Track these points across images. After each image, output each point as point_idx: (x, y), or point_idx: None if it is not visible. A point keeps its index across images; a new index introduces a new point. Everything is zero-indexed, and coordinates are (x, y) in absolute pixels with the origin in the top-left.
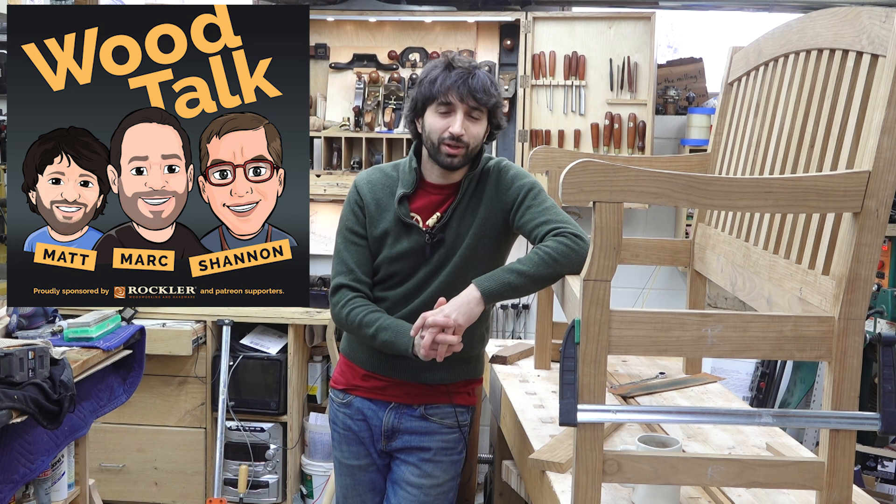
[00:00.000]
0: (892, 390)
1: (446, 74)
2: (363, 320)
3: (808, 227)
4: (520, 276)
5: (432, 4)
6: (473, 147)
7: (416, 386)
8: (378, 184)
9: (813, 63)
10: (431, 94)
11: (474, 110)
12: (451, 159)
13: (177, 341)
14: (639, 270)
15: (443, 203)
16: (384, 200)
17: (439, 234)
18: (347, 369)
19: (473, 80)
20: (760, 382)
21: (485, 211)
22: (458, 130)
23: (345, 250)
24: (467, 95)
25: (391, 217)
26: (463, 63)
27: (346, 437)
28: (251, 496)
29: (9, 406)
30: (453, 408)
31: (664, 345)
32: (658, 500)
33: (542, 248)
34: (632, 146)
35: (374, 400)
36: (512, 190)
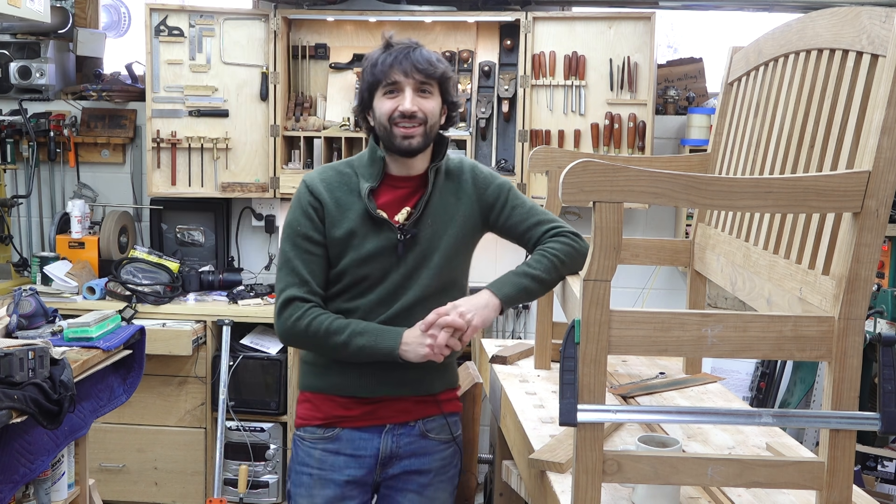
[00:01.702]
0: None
1: (386, 55)
2: (330, 327)
3: (808, 227)
4: (534, 281)
5: (432, 4)
6: (431, 124)
7: (408, 400)
8: (334, 182)
9: (813, 63)
10: (375, 77)
11: (423, 84)
12: (408, 140)
13: (177, 341)
14: (639, 270)
15: (409, 197)
16: (344, 199)
17: (412, 230)
18: (323, 403)
19: (415, 54)
20: (760, 382)
21: (465, 208)
22: (409, 107)
23: (296, 259)
24: (412, 70)
25: (356, 215)
26: (402, 42)
27: (321, 478)
28: (251, 496)
29: (9, 406)
30: (445, 418)
31: (664, 345)
32: (658, 500)
33: (548, 250)
34: (632, 146)
35: (366, 427)
36: (491, 189)
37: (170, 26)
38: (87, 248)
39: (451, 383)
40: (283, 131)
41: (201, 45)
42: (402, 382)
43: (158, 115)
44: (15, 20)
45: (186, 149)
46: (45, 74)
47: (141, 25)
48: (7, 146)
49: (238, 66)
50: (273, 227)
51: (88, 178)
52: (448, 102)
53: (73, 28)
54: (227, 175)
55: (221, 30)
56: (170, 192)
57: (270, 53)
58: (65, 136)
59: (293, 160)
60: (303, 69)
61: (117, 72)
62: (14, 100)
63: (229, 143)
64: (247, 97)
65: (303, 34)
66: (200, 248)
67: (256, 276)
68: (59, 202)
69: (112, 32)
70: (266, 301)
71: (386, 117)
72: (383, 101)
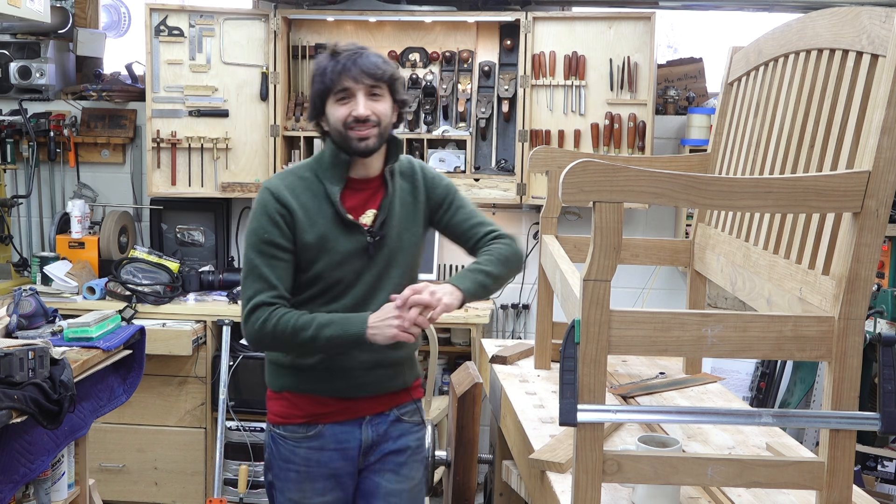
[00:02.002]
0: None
1: (334, 62)
2: (296, 325)
3: (808, 227)
4: (488, 277)
5: (432, 4)
6: (385, 125)
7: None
8: (298, 188)
9: (813, 63)
10: (325, 86)
11: (373, 88)
12: (363, 142)
13: (177, 341)
14: (639, 270)
15: (370, 199)
16: (311, 204)
17: (380, 231)
18: (301, 401)
19: (363, 59)
20: (760, 382)
21: (421, 207)
22: (363, 111)
23: (264, 266)
24: (361, 74)
25: (325, 220)
26: (348, 47)
27: (310, 473)
28: (251, 496)
29: (9, 406)
30: (415, 403)
31: (664, 345)
32: (658, 500)
33: (494, 251)
34: (632, 146)
35: (347, 421)
36: (440, 189)
37: (170, 26)
38: (87, 248)
39: (417, 374)
40: (283, 131)
41: (201, 45)
42: (380, 382)
43: (158, 115)
44: (15, 20)
45: (186, 149)
46: (45, 74)
47: (141, 25)
48: (7, 146)
49: (238, 66)
50: None
51: (88, 178)
52: (398, 101)
53: (73, 28)
54: (227, 175)
55: (221, 30)
56: (170, 192)
57: (270, 53)
58: (65, 136)
59: (293, 160)
60: (303, 69)
61: (117, 72)
62: (14, 100)
63: (229, 143)
64: (247, 97)
65: (303, 34)
66: (200, 248)
67: None
68: (59, 202)
69: (112, 32)
70: None
71: (341, 123)
72: (336, 108)
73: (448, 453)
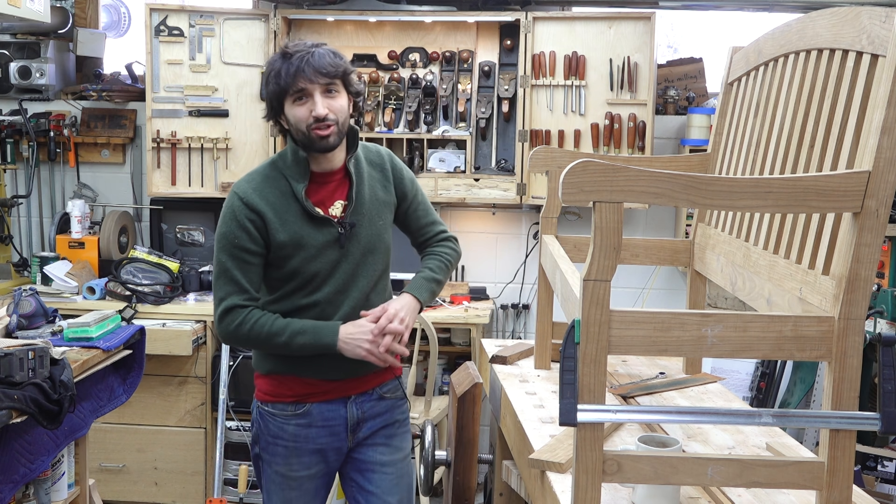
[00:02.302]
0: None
1: (287, 64)
2: (271, 330)
3: (808, 227)
4: (439, 285)
5: (432, 4)
6: (343, 121)
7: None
8: (266, 189)
9: (813, 63)
10: (281, 88)
11: (329, 85)
12: (325, 141)
13: (177, 341)
14: (639, 270)
15: (336, 190)
16: (279, 203)
17: (350, 221)
18: (289, 381)
19: (315, 59)
20: (760, 382)
21: (390, 195)
22: (322, 111)
23: (235, 269)
24: (315, 74)
25: (295, 217)
26: (299, 47)
27: (297, 448)
28: (251, 496)
29: (9, 406)
30: (397, 380)
31: (664, 345)
32: (658, 500)
33: (442, 255)
34: (632, 146)
35: (333, 400)
36: (406, 181)
37: (170, 26)
38: (87, 248)
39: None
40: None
41: (201, 45)
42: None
43: (158, 115)
44: (15, 20)
45: (186, 149)
46: (45, 74)
47: (141, 25)
48: (7, 146)
49: (238, 66)
50: None
51: (88, 178)
52: (352, 93)
53: (73, 28)
54: (227, 175)
55: (221, 30)
56: (170, 192)
57: (270, 53)
58: (65, 136)
59: None
60: None
61: (117, 72)
62: (14, 100)
63: (229, 143)
64: (247, 97)
65: (303, 34)
66: (200, 248)
67: None
68: (59, 202)
69: (112, 32)
70: None
71: (303, 124)
72: (295, 109)
73: (448, 453)
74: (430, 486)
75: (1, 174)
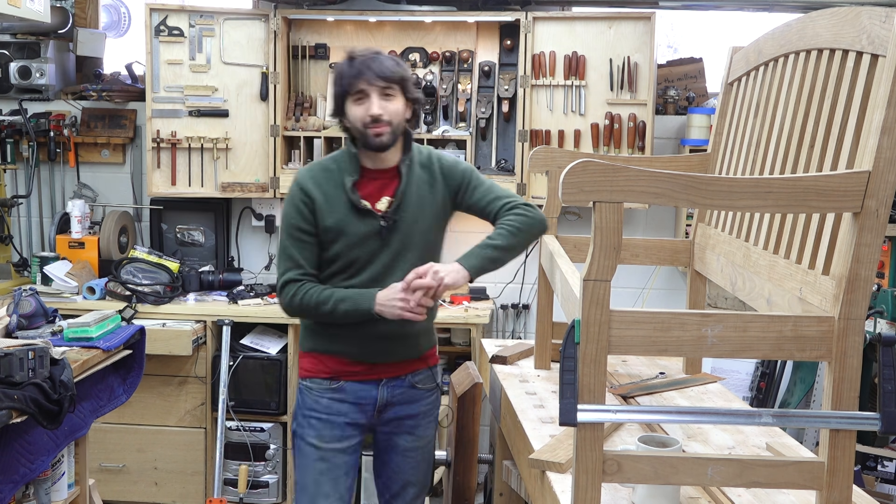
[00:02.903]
0: (892, 390)
1: (350, 67)
2: (318, 299)
3: (808, 227)
4: (496, 250)
5: (432, 4)
6: (397, 123)
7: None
8: (321, 178)
9: (813, 63)
10: (343, 89)
11: (386, 89)
12: (378, 139)
13: (177, 341)
14: (639, 270)
15: (385, 187)
16: (331, 192)
17: (393, 217)
18: (329, 360)
19: (376, 63)
20: (760, 382)
21: (438, 195)
22: (376, 111)
23: (292, 247)
24: (374, 77)
25: (342, 206)
26: (364, 53)
27: (330, 421)
28: (251, 496)
29: (9, 406)
30: (430, 370)
31: (664, 345)
32: (658, 500)
33: (505, 223)
34: (632, 146)
35: (365, 381)
36: (456, 174)
37: (170, 26)
38: (87, 248)
39: (433, 342)
40: (283, 131)
41: (201, 45)
42: (396, 351)
43: (158, 115)
44: (15, 20)
45: (186, 149)
46: (45, 74)
47: (141, 25)
48: (7, 146)
49: (238, 66)
50: (273, 227)
51: (88, 178)
52: (411, 100)
53: (73, 28)
54: (227, 175)
55: (221, 30)
56: (170, 192)
57: (270, 53)
58: (65, 136)
59: (293, 160)
60: (303, 69)
61: (117, 72)
62: (14, 100)
63: (229, 143)
64: (247, 97)
65: (303, 34)
66: (200, 248)
67: (256, 276)
68: (59, 202)
69: (112, 32)
70: (266, 301)
71: (359, 122)
72: (354, 108)
73: (448, 453)
74: (431, 486)
75: (1, 174)
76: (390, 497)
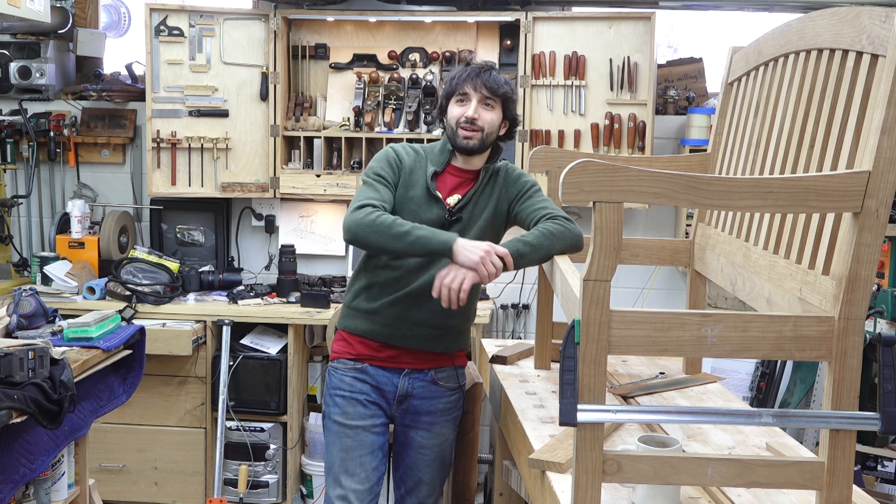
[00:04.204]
0: (892, 390)
1: (463, 71)
2: (396, 221)
3: (808, 227)
4: (526, 245)
5: (432, 4)
6: (489, 132)
7: (426, 354)
8: (411, 156)
9: (813, 63)
10: (452, 88)
11: (487, 99)
12: (467, 141)
13: (177, 341)
14: (639, 270)
15: (460, 186)
16: (416, 171)
17: (458, 213)
18: (356, 342)
19: (486, 74)
20: (760, 382)
21: (496, 201)
22: (472, 114)
23: (376, 183)
24: (480, 85)
25: (420, 187)
26: (479, 63)
27: (354, 398)
28: (251, 496)
29: (9, 406)
30: (455, 369)
31: (664, 345)
32: (658, 500)
33: (539, 227)
34: (632, 146)
35: (388, 368)
36: (518, 184)
37: (170, 26)
38: (87, 248)
39: (462, 346)
40: (283, 131)
41: (201, 45)
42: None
43: (158, 115)
44: (15, 20)
45: (186, 149)
46: (45, 74)
47: (141, 25)
48: (7, 146)
49: (238, 66)
50: (273, 227)
51: (88, 178)
52: (509, 118)
53: (73, 28)
54: (227, 175)
55: (221, 30)
56: (170, 192)
57: (270, 53)
58: (65, 136)
59: (293, 160)
60: (303, 69)
61: (117, 72)
62: (14, 100)
63: (229, 143)
64: (247, 97)
65: (303, 34)
66: (200, 248)
67: (256, 276)
68: (59, 202)
69: (112, 32)
70: (266, 301)
71: (454, 120)
72: (454, 107)
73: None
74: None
75: (1, 174)
76: (405, 492)
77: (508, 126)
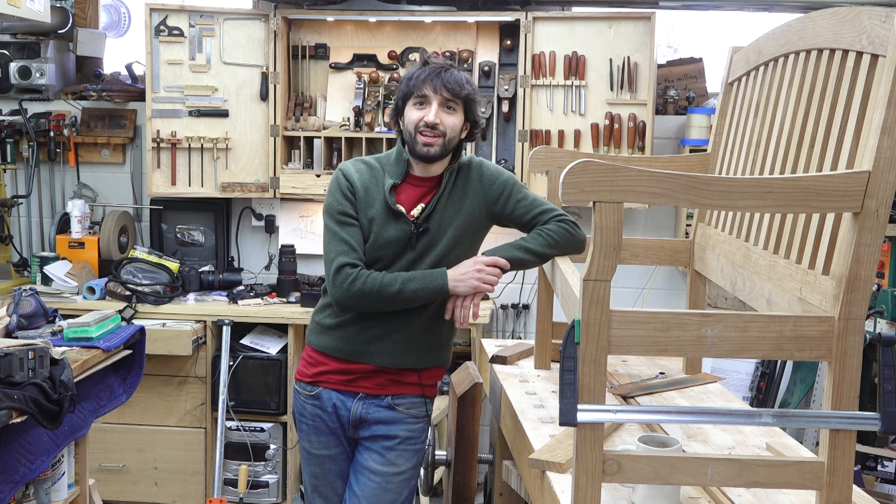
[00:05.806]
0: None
1: (421, 71)
2: (383, 281)
3: (808, 227)
4: (526, 252)
5: (432, 4)
6: (450, 138)
7: (385, 377)
8: (364, 173)
9: (813, 63)
10: (409, 89)
11: (449, 101)
12: (427, 148)
13: (177, 341)
14: (639, 270)
15: (425, 195)
16: (372, 189)
17: (424, 224)
18: (315, 361)
19: (446, 74)
20: (760, 382)
21: (470, 205)
22: (433, 119)
23: (342, 231)
24: (440, 87)
25: (379, 205)
26: (438, 61)
27: (316, 427)
28: (251, 496)
29: (9, 406)
30: (423, 398)
31: (664, 345)
32: (658, 500)
33: (544, 230)
34: (632, 146)
35: (342, 391)
36: (496, 185)
37: (170, 26)
38: (87, 248)
39: (438, 362)
40: (283, 131)
41: (201, 45)
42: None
43: (158, 115)
44: (15, 20)
45: (186, 149)
46: (45, 74)
47: (141, 25)
48: (7, 146)
49: (238, 66)
50: (273, 227)
51: (88, 178)
52: (471, 121)
53: (73, 28)
54: (227, 175)
55: (221, 30)
56: (170, 192)
57: (270, 53)
58: (65, 136)
59: (293, 160)
60: (303, 69)
61: (117, 72)
62: (14, 100)
63: (229, 143)
64: (247, 97)
65: (303, 34)
66: (200, 248)
67: (256, 276)
68: (59, 202)
69: (112, 32)
70: (266, 301)
71: (413, 125)
72: (412, 111)
73: (448, 453)
74: (430, 486)
75: (1, 174)
76: None
77: (470, 128)
